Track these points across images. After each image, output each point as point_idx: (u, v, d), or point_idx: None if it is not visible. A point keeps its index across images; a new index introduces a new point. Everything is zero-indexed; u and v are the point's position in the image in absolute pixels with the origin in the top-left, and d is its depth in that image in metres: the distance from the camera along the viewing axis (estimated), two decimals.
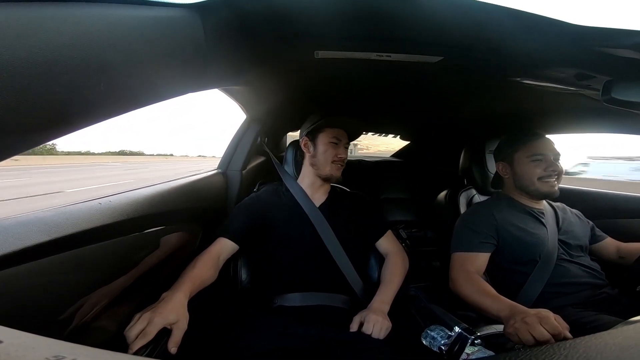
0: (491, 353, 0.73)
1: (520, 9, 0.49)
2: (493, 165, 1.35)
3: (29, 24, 0.29)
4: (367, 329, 0.89)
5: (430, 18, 0.59)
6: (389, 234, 1.21)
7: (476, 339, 0.74)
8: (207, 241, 1.12)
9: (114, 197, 0.78)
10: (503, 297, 0.89)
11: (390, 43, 0.72)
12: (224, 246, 1.04)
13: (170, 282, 0.96)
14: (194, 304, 1.03)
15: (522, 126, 1.45)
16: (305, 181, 1.21)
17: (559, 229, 1.12)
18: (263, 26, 0.64)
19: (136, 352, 0.64)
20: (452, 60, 0.78)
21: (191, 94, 0.70)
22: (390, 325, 0.92)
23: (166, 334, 0.73)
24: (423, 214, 2.21)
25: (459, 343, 0.75)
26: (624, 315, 0.88)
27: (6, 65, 0.27)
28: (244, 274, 1.11)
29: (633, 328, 0.47)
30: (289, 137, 2.53)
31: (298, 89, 1.21)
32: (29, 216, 0.60)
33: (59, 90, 0.32)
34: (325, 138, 1.15)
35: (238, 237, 1.07)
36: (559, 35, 0.57)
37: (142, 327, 0.69)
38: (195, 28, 0.50)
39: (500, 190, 1.29)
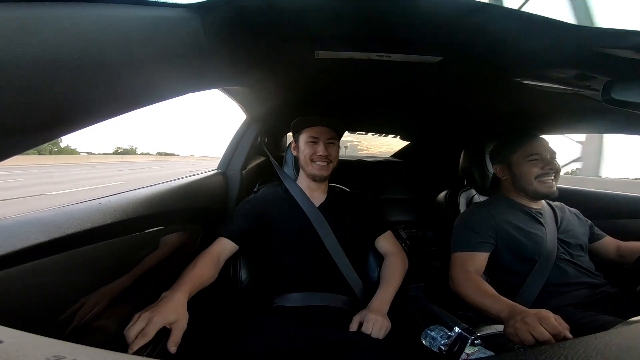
0: (491, 353, 0.72)
1: (520, 10, 0.49)
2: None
3: (30, 24, 0.29)
4: (366, 328, 0.89)
5: (430, 18, 0.59)
6: (389, 234, 1.21)
7: (476, 339, 0.74)
8: (207, 241, 1.12)
9: (114, 197, 0.78)
10: (503, 297, 0.89)
11: (390, 43, 0.72)
12: (224, 246, 1.04)
13: (170, 282, 0.96)
14: (194, 304, 1.03)
15: (522, 126, 1.45)
16: (303, 182, 1.21)
17: (558, 228, 1.12)
18: (263, 26, 0.64)
19: (136, 352, 0.64)
20: (452, 60, 0.78)
21: (194, 94, 0.70)
22: (389, 325, 0.92)
23: (166, 333, 0.73)
24: (423, 214, 2.21)
25: (459, 343, 0.75)
26: (623, 316, 0.89)
27: (6, 65, 0.27)
28: (243, 274, 1.11)
29: (633, 328, 0.47)
30: (289, 137, 2.53)
31: (298, 89, 1.21)
32: (28, 216, 0.60)
33: (59, 91, 0.32)
34: (304, 138, 1.18)
35: (238, 237, 1.07)
36: (559, 36, 0.57)
37: (142, 327, 0.68)
38: (195, 28, 0.50)
39: (498, 192, 1.29)
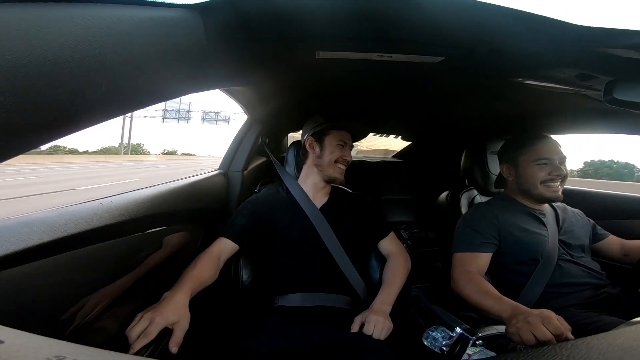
0: (492, 354, 0.72)
1: (522, 10, 0.49)
2: (495, 166, 1.35)
3: (31, 24, 0.29)
4: (367, 329, 0.89)
5: (431, 19, 0.59)
6: (392, 235, 1.21)
7: (477, 339, 0.74)
8: (209, 241, 1.12)
9: (115, 198, 0.78)
10: (505, 298, 0.88)
11: (391, 43, 0.71)
12: (225, 246, 1.04)
13: (171, 283, 0.96)
14: (195, 304, 1.03)
15: (524, 127, 1.44)
16: (308, 182, 1.21)
17: (560, 229, 1.12)
18: (264, 27, 0.64)
19: (137, 352, 0.64)
20: (454, 60, 0.78)
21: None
22: (391, 326, 0.92)
23: (167, 333, 0.73)
24: (424, 214, 2.21)
25: (460, 344, 0.75)
26: (625, 316, 0.88)
27: (8, 66, 0.27)
28: (245, 275, 1.11)
29: (635, 329, 0.47)
30: (290, 137, 2.53)
31: (299, 89, 1.21)
32: (30, 216, 0.60)
33: (60, 91, 0.32)
34: (333, 140, 1.16)
35: (239, 238, 1.07)
36: (560, 36, 0.57)
37: (144, 327, 0.68)
38: (197, 29, 0.50)
39: (501, 190, 1.29)
